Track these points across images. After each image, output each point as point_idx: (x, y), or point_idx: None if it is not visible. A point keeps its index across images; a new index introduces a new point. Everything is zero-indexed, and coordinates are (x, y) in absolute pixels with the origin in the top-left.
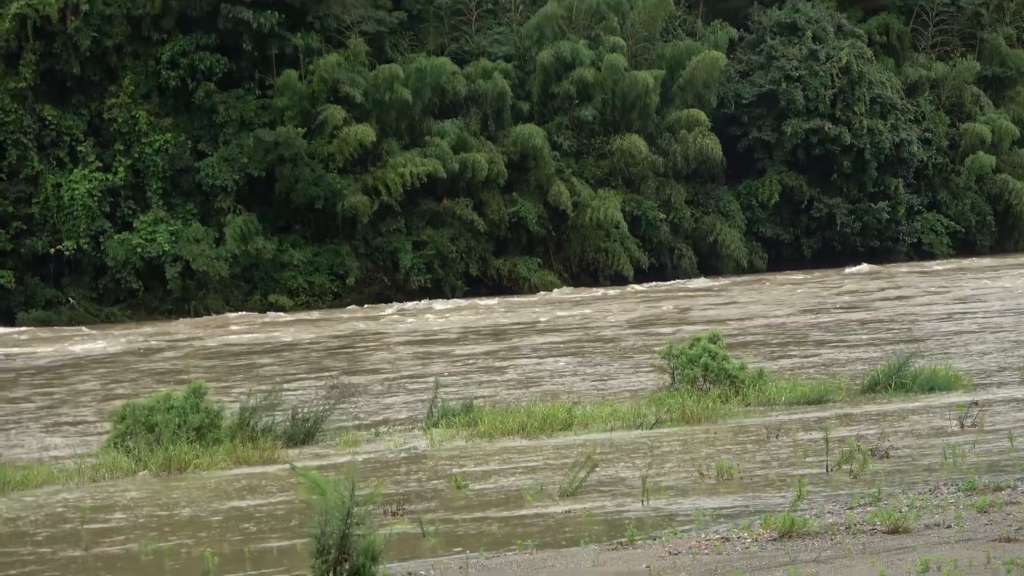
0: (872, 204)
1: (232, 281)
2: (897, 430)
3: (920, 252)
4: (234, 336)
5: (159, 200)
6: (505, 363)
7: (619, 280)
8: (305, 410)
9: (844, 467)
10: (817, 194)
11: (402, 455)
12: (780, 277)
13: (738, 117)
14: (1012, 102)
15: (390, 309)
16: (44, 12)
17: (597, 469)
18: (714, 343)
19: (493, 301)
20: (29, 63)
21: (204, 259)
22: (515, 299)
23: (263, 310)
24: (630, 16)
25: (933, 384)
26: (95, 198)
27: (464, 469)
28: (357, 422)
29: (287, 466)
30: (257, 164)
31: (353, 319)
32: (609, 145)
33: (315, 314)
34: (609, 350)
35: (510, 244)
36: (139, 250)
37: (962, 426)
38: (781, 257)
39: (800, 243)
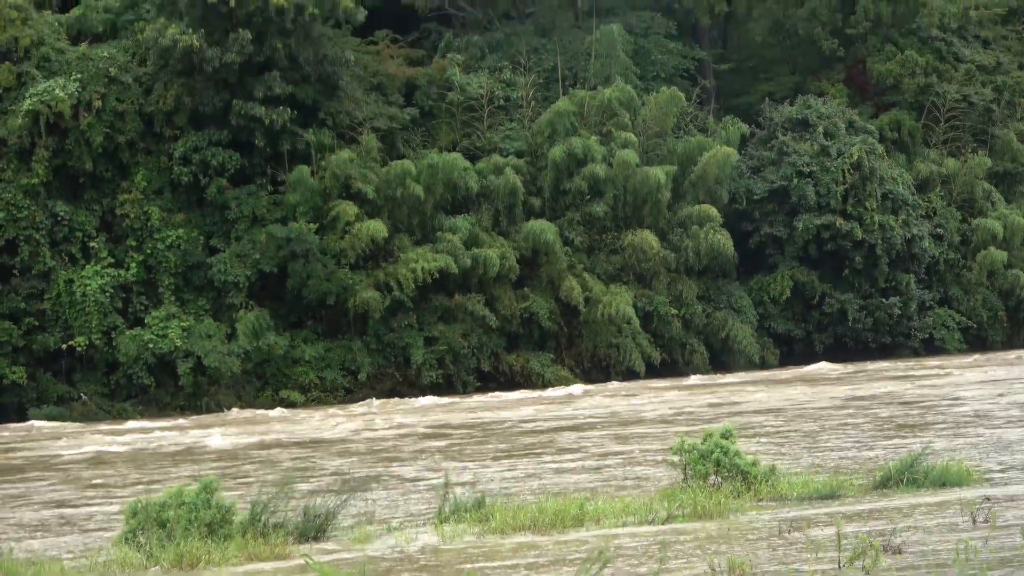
0: (884, 300)
1: (244, 377)
2: (909, 525)
3: (931, 348)
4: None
5: (171, 296)
6: (520, 456)
7: (631, 376)
8: (317, 504)
9: (856, 563)
10: (829, 290)
11: (413, 550)
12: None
13: (750, 213)
14: (1023, 198)
15: (402, 403)
16: (57, 108)
17: (609, 565)
18: (726, 438)
19: (513, 395)
20: (41, 159)
21: (216, 355)
22: (546, 393)
23: (274, 406)
24: (642, 112)
25: (945, 479)
26: (107, 294)
27: (475, 565)
28: (369, 516)
29: (299, 562)
30: (269, 260)
31: (370, 413)
32: (621, 241)
33: (330, 409)
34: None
35: (522, 340)
36: (151, 346)
37: (974, 522)
38: (793, 353)
39: (812, 339)
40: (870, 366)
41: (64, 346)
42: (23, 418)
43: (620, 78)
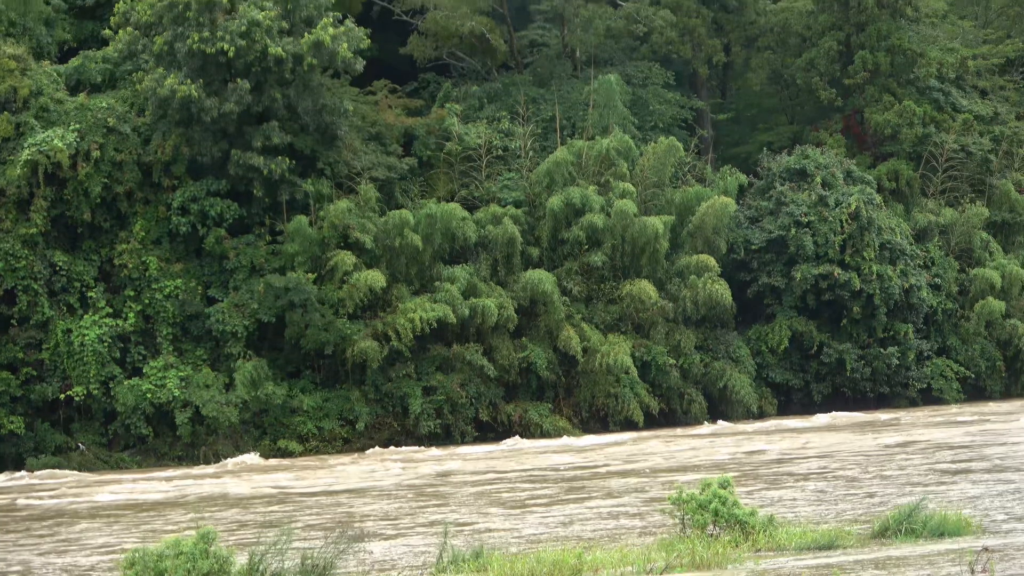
0: (882, 349)
1: (242, 427)
2: None
3: (929, 398)
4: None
5: (169, 346)
6: (521, 507)
7: (629, 426)
8: (315, 555)
9: None
10: (827, 339)
11: None
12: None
13: (748, 263)
14: (1021, 247)
15: (398, 454)
16: (55, 158)
17: None
18: (724, 488)
19: (512, 444)
20: (40, 209)
21: (214, 405)
22: (558, 442)
23: (272, 456)
24: (640, 162)
25: (943, 530)
26: (105, 344)
27: None
28: (367, 567)
29: None
30: (267, 310)
31: (368, 462)
32: (619, 290)
33: (328, 459)
34: (622, 492)
35: (520, 389)
36: (149, 396)
37: (972, 572)
38: (791, 402)
39: (810, 388)
40: (918, 412)
41: (62, 396)
42: (21, 467)
43: (618, 128)
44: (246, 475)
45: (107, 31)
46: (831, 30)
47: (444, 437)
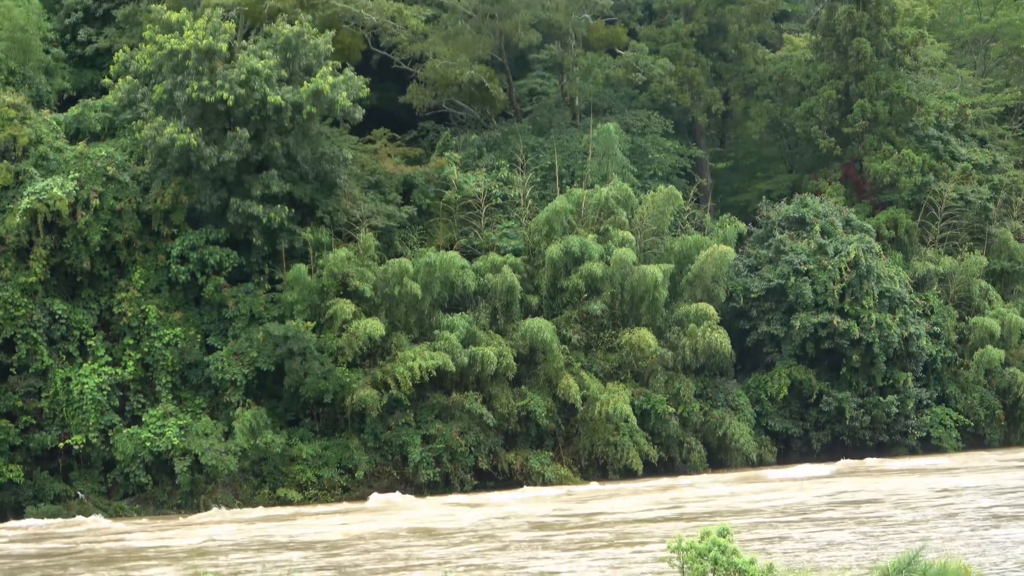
0: (881, 398)
1: (241, 475)
2: None
3: (929, 446)
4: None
5: (168, 394)
6: (526, 559)
7: (628, 474)
8: None
9: None
10: (826, 388)
11: None
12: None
13: (747, 311)
14: (1020, 296)
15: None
16: (55, 207)
17: None
18: (724, 536)
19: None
20: (39, 257)
21: (213, 453)
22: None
23: (272, 504)
24: (639, 211)
25: None
26: (104, 392)
27: None
28: None
29: None
30: (266, 358)
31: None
32: (618, 339)
33: (333, 507)
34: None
35: (519, 438)
36: (148, 444)
37: None
38: (790, 451)
39: (809, 437)
40: (981, 455)
41: (61, 444)
42: (20, 516)
43: (617, 176)
44: (387, 512)
45: (106, 80)
46: (830, 79)
47: (443, 485)
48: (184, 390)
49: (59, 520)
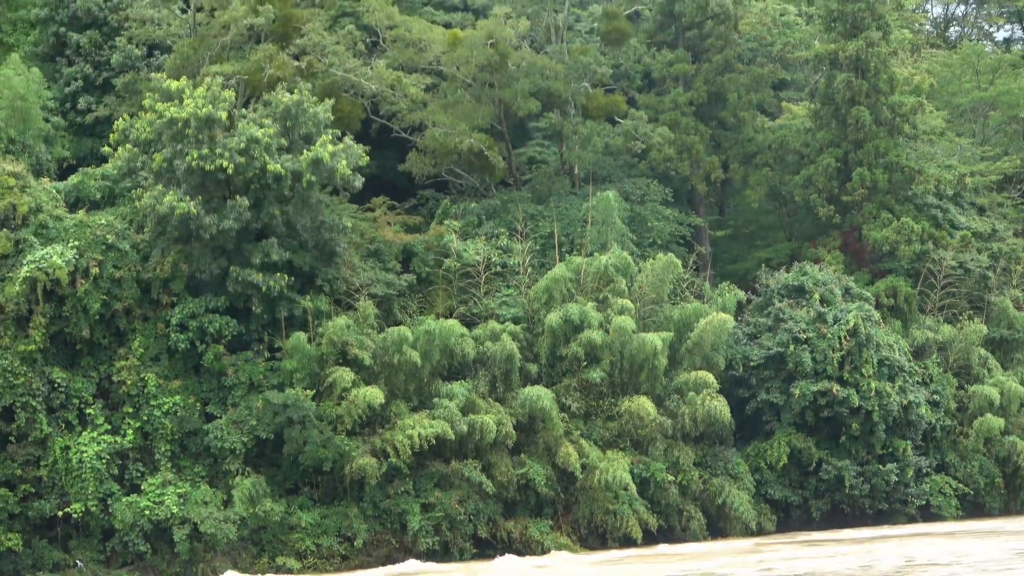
0: (881, 466)
1: (240, 544)
2: None
3: (928, 515)
4: None
5: (167, 463)
6: None
7: (628, 542)
8: None
9: None
10: (826, 456)
11: None
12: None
13: (746, 379)
14: (1020, 364)
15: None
16: (54, 275)
17: None
18: None
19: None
20: (39, 326)
21: (212, 522)
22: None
23: (271, 572)
24: (638, 279)
25: None
26: (103, 461)
27: None
28: None
29: None
30: (266, 427)
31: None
32: (617, 407)
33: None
34: None
35: (518, 506)
36: (147, 513)
37: None
38: (790, 519)
39: (808, 505)
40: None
41: (60, 513)
42: None
43: (616, 244)
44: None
45: (106, 148)
46: (829, 147)
47: (443, 554)
48: (183, 458)
49: None
